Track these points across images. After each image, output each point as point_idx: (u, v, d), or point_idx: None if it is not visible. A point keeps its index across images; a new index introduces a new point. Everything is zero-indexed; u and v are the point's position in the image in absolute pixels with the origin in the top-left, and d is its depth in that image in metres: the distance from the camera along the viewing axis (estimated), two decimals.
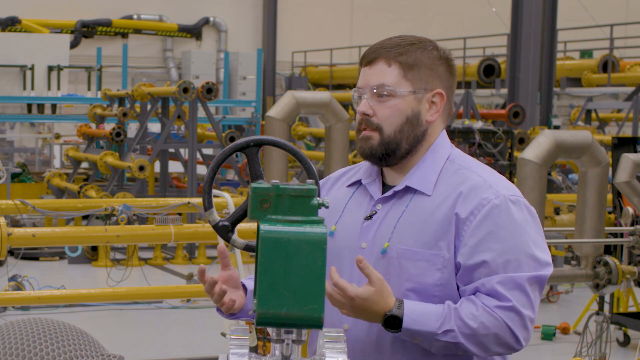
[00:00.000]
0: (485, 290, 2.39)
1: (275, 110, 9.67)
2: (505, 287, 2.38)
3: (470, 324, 2.35)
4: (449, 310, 2.37)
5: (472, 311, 2.36)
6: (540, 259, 2.43)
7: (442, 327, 2.35)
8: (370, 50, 2.53)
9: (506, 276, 2.38)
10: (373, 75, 2.50)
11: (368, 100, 2.50)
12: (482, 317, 2.36)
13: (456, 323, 2.35)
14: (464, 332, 2.35)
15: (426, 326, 2.35)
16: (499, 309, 2.37)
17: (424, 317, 2.35)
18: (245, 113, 20.06)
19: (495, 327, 2.36)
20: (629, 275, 6.89)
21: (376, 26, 24.62)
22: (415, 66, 2.48)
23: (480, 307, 2.37)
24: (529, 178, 6.36)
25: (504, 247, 2.39)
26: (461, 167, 2.51)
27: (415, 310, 2.36)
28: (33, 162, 18.19)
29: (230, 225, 2.21)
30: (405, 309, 2.35)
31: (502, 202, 2.42)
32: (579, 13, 22.72)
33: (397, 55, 2.48)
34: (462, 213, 2.42)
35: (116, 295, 7.55)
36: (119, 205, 7.69)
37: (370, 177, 2.58)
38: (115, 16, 23.24)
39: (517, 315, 2.37)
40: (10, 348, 1.71)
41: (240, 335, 1.91)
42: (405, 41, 2.51)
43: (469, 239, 2.40)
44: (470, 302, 2.38)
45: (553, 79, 17.22)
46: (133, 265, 10.57)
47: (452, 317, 2.36)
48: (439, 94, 2.51)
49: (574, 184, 13.32)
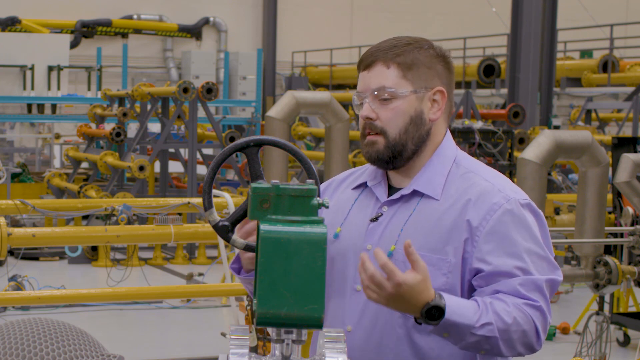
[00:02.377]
0: (508, 291, 2.38)
1: (275, 110, 9.67)
2: (526, 288, 2.38)
3: (505, 319, 2.34)
4: (484, 304, 2.35)
5: (504, 307, 2.35)
6: (553, 262, 2.45)
7: (481, 320, 2.32)
8: (367, 54, 2.52)
9: (526, 278, 2.38)
10: (372, 79, 2.49)
11: (370, 104, 2.49)
12: (514, 313, 2.35)
13: (493, 317, 2.33)
14: (499, 326, 2.34)
15: (465, 318, 2.30)
16: (528, 306, 2.37)
17: (463, 309, 2.31)
18: (245, 113, 20.05)
19: (525, 324, 2.36)
20: (629, 275, 6.89)
21: (376, 26, 24.61)
22: (414, 65, 2.48)
23: (511, 303, 2.36)
24: (529, 178, 6.36)
25: (521, 250, 2.40)
26: (468, 170, 2.51)
27: (455, 302, 2.32)
28: (33, 162, 18.19)
29: (230, 225, 2.21)
30: (446, 300, 2.29)
31: (514, 206, 2.43)
32: (579, 13, 22.71)
33: (394, 56, 2.48)
34: (474, 219, 2.41)
35: (116, 295, 7.55)
36: (119, 205, 7.69)
37: (375, 180, 2.58)
38: (115, 16, 23.24)
39: (542, 315, 2.39)
40: (10, 348, 1.72)
41: (240, 335, 1.91)
42: (401, 42, 2.51)
43: (484, 245, 2.40)
44: (500, 300, 2.37)
45: (553, 79, 17.22)
46: (133, 265, 10.56)
47: (489, 310, 2.34)
48: (439, 91, 2.51)
49: (574, 184, 13.32)
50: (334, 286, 2.50)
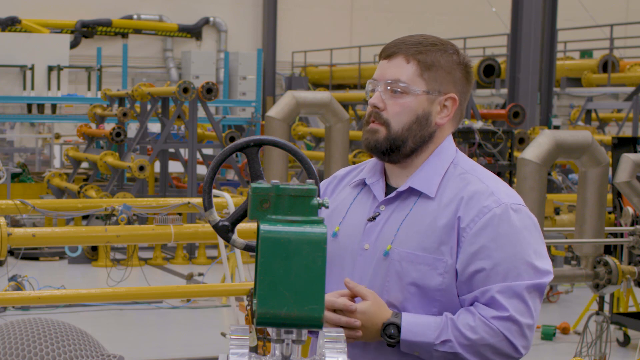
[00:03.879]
0: (484, 299, 2.40)
1: (275, 110, 9.67)
2: (504, 295, 2.38)
3: (467, 334, 2.37)
4: (446, 321, 2.39)
5: (469, 322, 2.38)
6: (540, 267, 2.43)
7: (440, 337, 2.37)
8: (391, 45, 2.52)
9: (505, 285, 2.38)
10: (390, 69, 2.49)
11: (381, 93, 2.50)
12: (479, 328, 2.37)
13: (453, 333, 2.37)
14: (461, 342, 2.37)
15: (424, 337, 2.37)
16: (496, 319, 2.38)
17: (421, 328, 2.38)
18: (245, 113, 20.05)
19: (492, 338, 2.37)
20: (629, 275, 6.89)
21: (376, 26, 24.62)
22: (433, 67, 2.48)
23: (477, 317, 2.38)
24: (529, 178, 6.36)
25: (503, 255, 2.40)
26: (465, 171, 2.51)
27: (411, 321, 2.39)
28: (33, 162, 18.19)
29: (230, 225, 2.20)
30: (403, 320, 2.39)
31: (503, 211, 2.42)
32: (579, 13, 22.72)
33: (416, 53, 2.48)
34: (463, 219, 2.42)
35: (116, 295, 7.54)
36: (119, 205, 7.69)
37: (374, 177, 2.58)
38: (115, 16, 23.23)
39: (515, 324, 2.38)
40: (10, 348, 1.71)
41: (240, 335, 1.91)
42: (427, 40, 2.51)
43: (468, 247, 2.41)
44: (468, 312, 2.40)
45: (553, 79, 17.22)
46: (133, 265, 10.56)
47: (450, 327, 2.37)
48: (451, 98, 2.51)
49: (574, 184, 13.32)
50: (332, 285, 2.51)
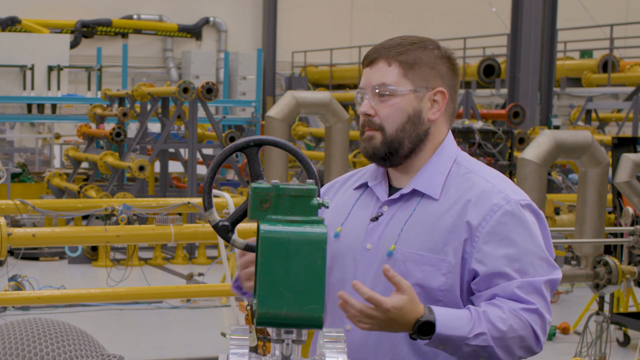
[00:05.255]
0: (506, 295, 2.39)
1: (275, 110, 9.67)
2: (524, 291, 2.38)
3: (499, 327, 2.35)
4: (477, 314, 2.36)
5: (500, 314, 2.36)
6: (552, 262, 2.45)
7: (473, 330, 2.33)
8: (372, 51, 2.54)
9: (524, 281, 2.39)
10: (374, 75, 2.51)
11: (369, 100, 2.51)
12: (510, 320, 2.36)
13: (486, 326, 2.34)
14: (494, 335, 2.35)
15: (458, 330, 2.32)
16: (525, 311, 2.37)
17: (455, 322, 2.33)
18: (245, 113, 20.05)
19: (522, 330, 2.37)
20: (629, 275, 6.89)
21: (376, 26, 24.61)
22: (416, 65, 2.49)
23: (506, 310, 2.37)
24: (529, 178, 6.36)
25: (519, 251, 2.40)
26: (468, 170, 2.51)
27: (446, 315, 2.33)
28: (33, 162, 18.19)
29: (230, 225, 2.20)
30: (436, 314, 2.32)
31: (514, 208, 2.43)
32: (579, 13, 22.71)
33: (397, 54, 2.50)
34: (474, 220, 2.42)
35: (116, 295, 7.55)
36: (119, 205, 7.69)
37: (376, 180, 2.59)
38: (115, 16, 23.23)
39: (540, 318, 2.39)
40: (10, 348, 1.71)
41: (240, 335, 1.91)
42: (406, 41, 2.52)
43: (484, 245, 2.41)
44: (495, 306, 2.38)
45: (553, 79, 17.22)
46: (133, 265, 10.56)
47: (482, 320, 2.35)
48: (440, 92, 2.52)
49: (574, 184, 13.32)
50: (333, 286, 2.51)
